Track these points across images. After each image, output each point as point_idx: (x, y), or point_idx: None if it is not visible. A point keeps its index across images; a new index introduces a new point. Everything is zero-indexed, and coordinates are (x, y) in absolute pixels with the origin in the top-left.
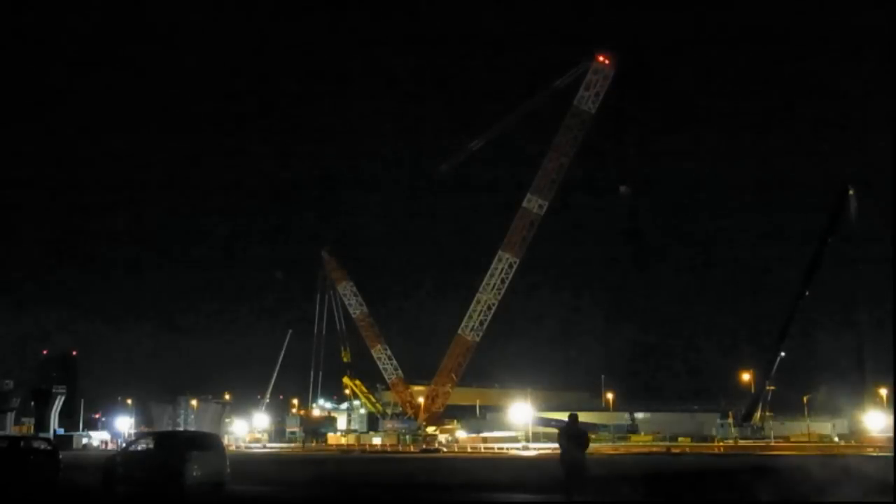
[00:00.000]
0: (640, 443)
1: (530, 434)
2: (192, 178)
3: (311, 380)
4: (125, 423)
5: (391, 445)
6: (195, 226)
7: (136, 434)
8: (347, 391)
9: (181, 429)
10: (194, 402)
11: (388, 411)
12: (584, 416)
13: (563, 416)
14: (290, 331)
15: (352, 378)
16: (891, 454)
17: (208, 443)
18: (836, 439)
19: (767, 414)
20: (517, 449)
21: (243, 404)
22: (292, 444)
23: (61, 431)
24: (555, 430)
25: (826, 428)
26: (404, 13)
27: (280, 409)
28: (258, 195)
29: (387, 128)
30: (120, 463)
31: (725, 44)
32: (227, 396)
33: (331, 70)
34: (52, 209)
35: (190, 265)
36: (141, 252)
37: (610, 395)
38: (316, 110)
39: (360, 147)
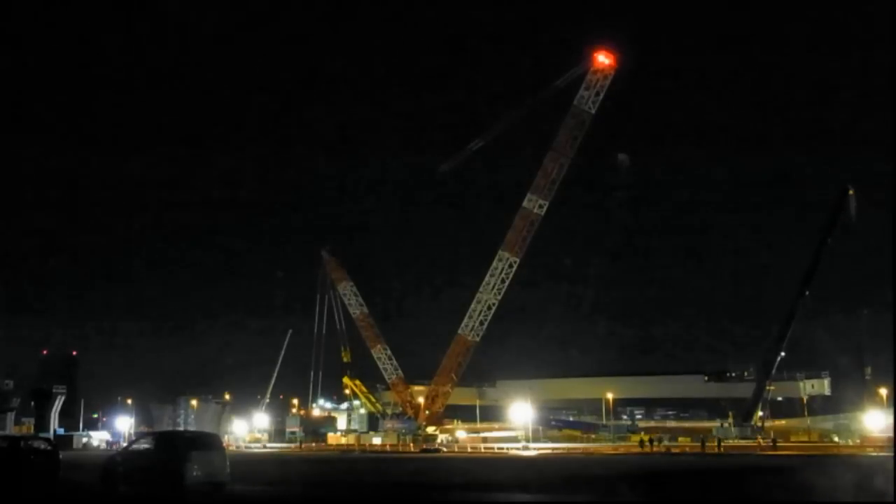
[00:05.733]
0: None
1: (530, 433)
2: (192, 178)
3: (311, 380)
4: (125, 423)
5: (391, 445)
6: (195, 226)
7: (136, 434)
8: (347, 391)
9: (181, 429)
10: (194, 402)
11: (388, 411)
12: (584, 416)
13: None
14: (290, 331)
15: (352, 378)
16: (891, 454)
17: (208, 443)
18: (836, 439)
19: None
20: (517, 449)
21: (243, 404)
22: (292, 445)
23: (61, 431)
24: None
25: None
26: (404, 13)
27: (280, 409)
28: (258, 195)
29: (387, 128)
30: (120, 463)
31: (725, 42)
32: (227, 396)
33: (330, 70)
34: (52, 210)
35: (190, 265)
36: (141, 252)
37: (610, 395)
38: (315, 110)
39: (360, 147)
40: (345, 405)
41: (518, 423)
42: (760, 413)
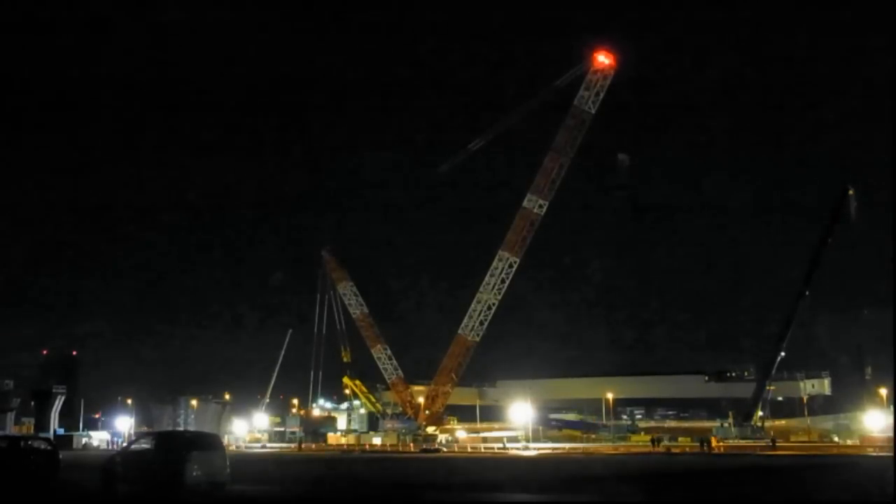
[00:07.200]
0: (640, 443)
1: (530, 433)
2: (192, 179)
3: (311, 380)
4: (125, 423)
5: (391, 445)
6: (195, 226)
7: (136, 434)
8: (347, 391)
9: (181, 429)
10: (194, 402)
11: (388, 411)
12: (584, 416)
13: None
14: (290, 331)
15: (352, 378)
16: (891, 454)
17: (208, 443)
18: (836, 439)
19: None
20: (517, 449)
21: (243, 404)
22: (292, 444)
23: (61, 431)
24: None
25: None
26: (405, 14)
27: (280, 409)
28: (258, 195)
29: (387, 128)
30: (120, 463)
31: (725, 42)
32: (227, 396)
33: (330, 70)
34: (53, 211)
35: (190, 265)
36: (141, 252)
37: (610, 395)
38: (315, 110)
39: (360, 147)
40: (345, 405)
41: (518, 423)
42: (760, 413)
